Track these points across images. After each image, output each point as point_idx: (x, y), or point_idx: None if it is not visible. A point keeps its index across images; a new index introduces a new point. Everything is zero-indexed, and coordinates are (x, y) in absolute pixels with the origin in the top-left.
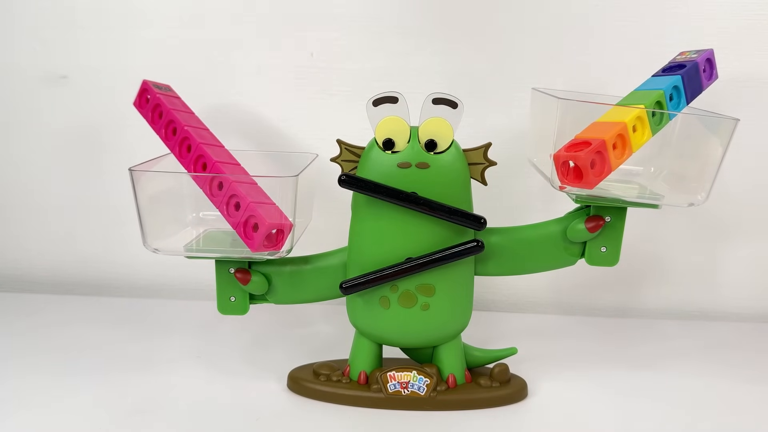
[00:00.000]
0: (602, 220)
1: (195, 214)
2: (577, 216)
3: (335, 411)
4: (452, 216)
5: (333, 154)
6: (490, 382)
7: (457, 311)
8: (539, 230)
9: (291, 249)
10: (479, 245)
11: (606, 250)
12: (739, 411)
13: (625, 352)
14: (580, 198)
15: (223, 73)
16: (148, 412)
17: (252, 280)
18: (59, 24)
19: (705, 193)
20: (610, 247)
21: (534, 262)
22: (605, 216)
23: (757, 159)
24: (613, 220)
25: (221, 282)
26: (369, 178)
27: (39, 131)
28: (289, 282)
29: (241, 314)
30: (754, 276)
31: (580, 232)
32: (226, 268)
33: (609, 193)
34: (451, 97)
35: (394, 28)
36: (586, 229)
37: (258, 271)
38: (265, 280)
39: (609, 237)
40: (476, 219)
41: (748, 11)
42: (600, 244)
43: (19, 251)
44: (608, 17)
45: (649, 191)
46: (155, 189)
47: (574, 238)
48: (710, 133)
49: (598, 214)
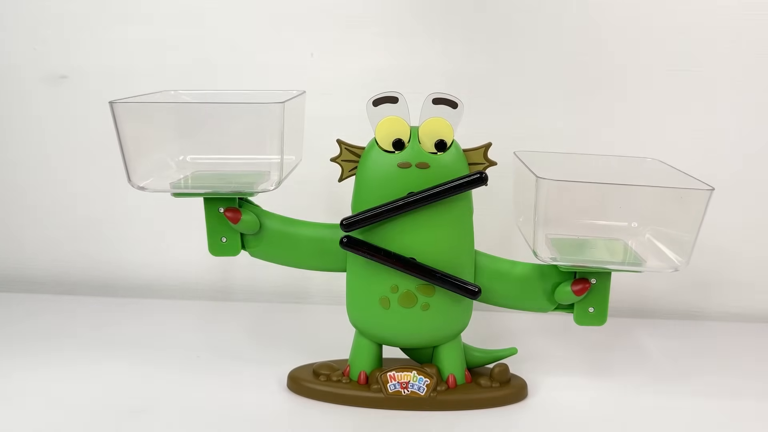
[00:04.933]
0: (588, 282)
1: (182, 157)
2: (563, 277)
3: (335, 411)
4: (456, 189)
5: (333, 154)
6: (490, 382)
7: (458, 311)
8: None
9: (281, 182)
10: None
11: (594, 311)
12: (740, 411)
13: (626, 352)
14: (565, 267)
15: (223, 73)
16: (148, 412)
17: (242, 219)
18: (59, 24)
19: (686, 258)
20: (597, 307)
21: (513, 301)
22: (591, 278)
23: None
24: (598, 282)
25: (211, 222)
26: (369, 178)
27: (39, 131)
28: (278, 236)
29: (233, 255)
30: (754, 276)
31: (567, 295)
32: (215, 207)
33: (592, 258)
34: (451, 97)
35: (394, 28)
36: (573, 292)
37: (249, 210)
38: (255, 219)
39: (596, 298)
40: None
41: (749, 11)
42: (588, 305)
43: (19, 251)
44: (608, 17)
45: (632, 254)
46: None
47: (561, 300)
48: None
49: (584, 278)
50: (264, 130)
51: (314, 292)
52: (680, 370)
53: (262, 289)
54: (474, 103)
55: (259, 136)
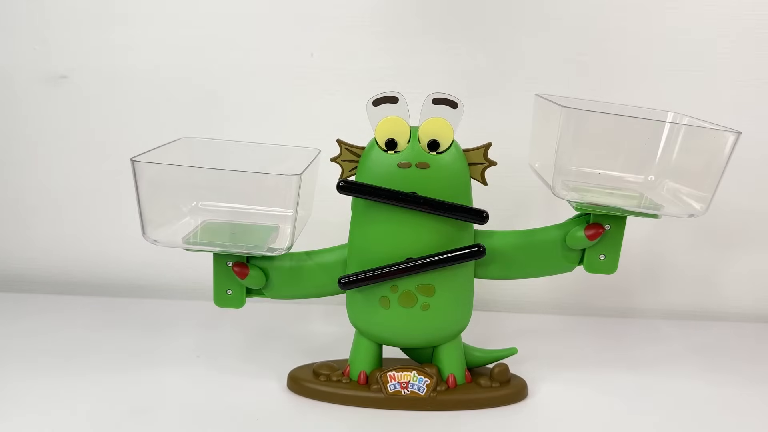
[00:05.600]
0: (602, 228)
1: (195, 203)
2: (576, 223)
3: (335, 411)
4: (454, 213)
5: (333, 154)
6: (490, 382)
7: (457, 311)
8: (539, 235)
9: (291, 245)
10: (480, 250)
11: (605, 258)
12: (740, 411)
13: (626, 352)
14: (580, 206)
15: (223, 73)
16: (148, 412)
17: (250, 275)
18: (59, 24)
19: (705, 204)
20: (608, 255)
21: (532, 267)
22: (605, 224)
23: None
24: (612, 228)
25: (218, 274)
26: (369, 178)
27: (38, 131)
28: (286, 277)
29: (237, 307)
30: (754, 276)
31: (580, 240)
32: (224, 261)
33: (609, 202)
34: (451, 97)
35: (394, 28)
36: (586, 236)
37: (256, 266)
38: (262, 275)
39: (608, 245)
40: (478, 213)
41: (751, 11)
42: (599, 251)
43: (19, 251)
44: (608, 17)
45: (648, 200)
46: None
47: (573, 245)
48: (711, 146)
49: (597, 222)
50: (279, 195)
51: None
52: (681, 370)
53: None
54: (474, 103)
55: (274, 198)
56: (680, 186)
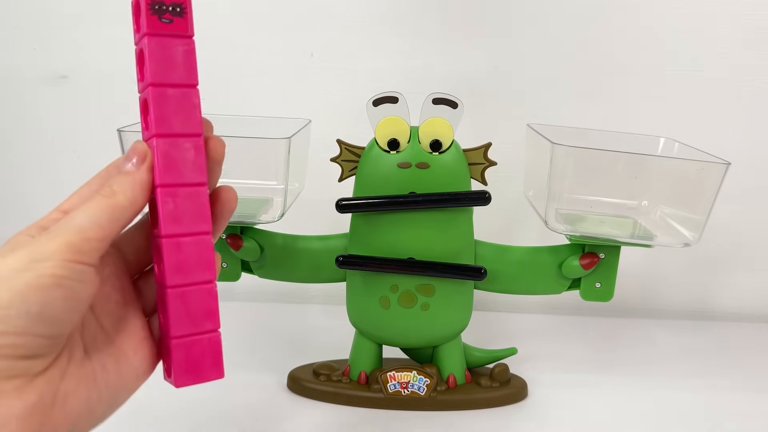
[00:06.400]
0: (596, 257)
1: None
2: (570, 251)
3: (335, 411)
4: (457, 201)
5: (333, 154)
6: (490, 382)
7: (457, 311)
8: (533, 256)
9: (283, 214)
10: (482, 273)
11: (600, 286)
12: (740, 411)
13: (626, 352)
14: (573, 238)
15: (223, 73)
16: (147, 411)
17: (243, 246)
18: (59, 24)
19: (698, 233)
20: (604, 283)
21: (523, 285)
22: (599, 253)
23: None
24: (607, 257)
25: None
26: (369, 178)
27: (38, 131)
28: (280, 256)
29: (232, 281)
30: (754, 277)
31: (575, 269)
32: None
33: (602, 232)
34: (451, 97)
35: (394, 28)
36: (581, 266)
37: (250, 237)
38: (257, 246)
39: (603, 273)
40: (480, 195)
41: (749, 11)
42: (594, 280)
43: None
44: (608, 17)
45: (642, 228)
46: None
47: (569, 274)
48: (702, 175)
49: (592, 251)
50: (269, 162)
51: (314, 292)
52: (681, 370)
53: (262, 289)
54: (474, 103)
55: (264, 166)
56: (675, 211)
